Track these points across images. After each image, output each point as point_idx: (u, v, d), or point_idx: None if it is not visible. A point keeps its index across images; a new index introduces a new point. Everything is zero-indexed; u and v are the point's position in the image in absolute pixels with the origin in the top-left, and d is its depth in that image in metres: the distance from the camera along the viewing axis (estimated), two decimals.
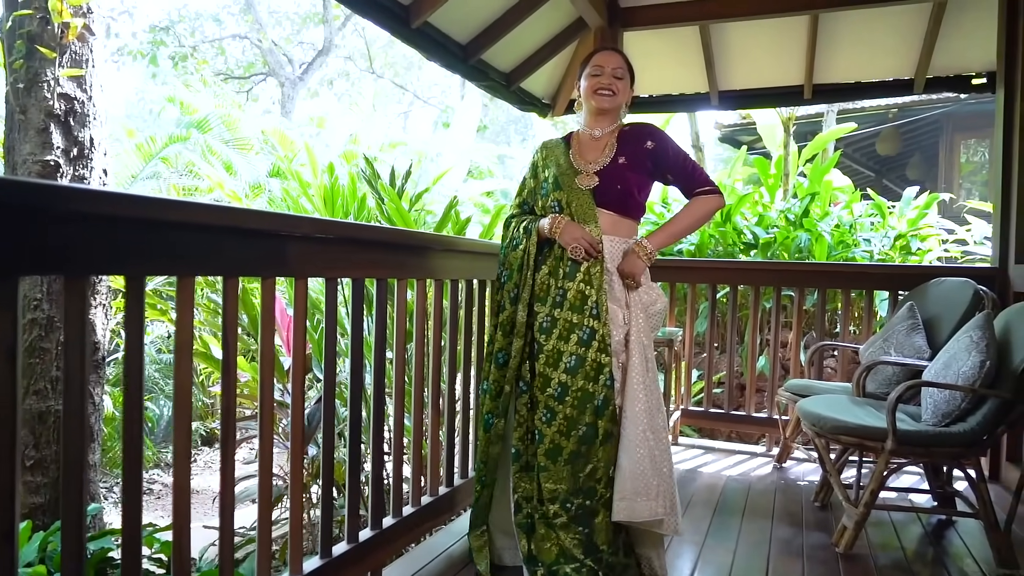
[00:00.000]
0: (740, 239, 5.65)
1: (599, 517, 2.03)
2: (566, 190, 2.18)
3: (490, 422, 2.20)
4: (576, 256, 2.10)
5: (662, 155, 2.20)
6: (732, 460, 3.70)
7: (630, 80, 2.27)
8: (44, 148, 2.70)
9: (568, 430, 2.03)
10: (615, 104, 2.21)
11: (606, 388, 2.04)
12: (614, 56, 2.26)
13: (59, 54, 2.70)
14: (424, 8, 3.43)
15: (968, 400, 2.46)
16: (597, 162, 2.21)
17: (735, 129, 10.35)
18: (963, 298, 3.09)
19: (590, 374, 2.04)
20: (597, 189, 2.17)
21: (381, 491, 2.05)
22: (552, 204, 2.20)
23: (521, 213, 2.32)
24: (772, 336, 3.95)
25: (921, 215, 5.41)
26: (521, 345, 2.13)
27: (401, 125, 20.22)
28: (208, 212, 1.42)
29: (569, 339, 2.07)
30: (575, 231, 2.10)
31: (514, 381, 2.16)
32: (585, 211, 2.15)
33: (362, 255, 1.87)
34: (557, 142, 2.33)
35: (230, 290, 1.48)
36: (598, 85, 2.19)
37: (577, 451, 2.02)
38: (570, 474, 2.02)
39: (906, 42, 4.14)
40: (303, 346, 1.73)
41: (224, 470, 1.51)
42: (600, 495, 2.04)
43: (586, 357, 2.04)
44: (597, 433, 2.03)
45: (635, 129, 2.26)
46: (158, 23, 14.68)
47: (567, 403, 2.04)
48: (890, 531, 2.75)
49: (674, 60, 4.69)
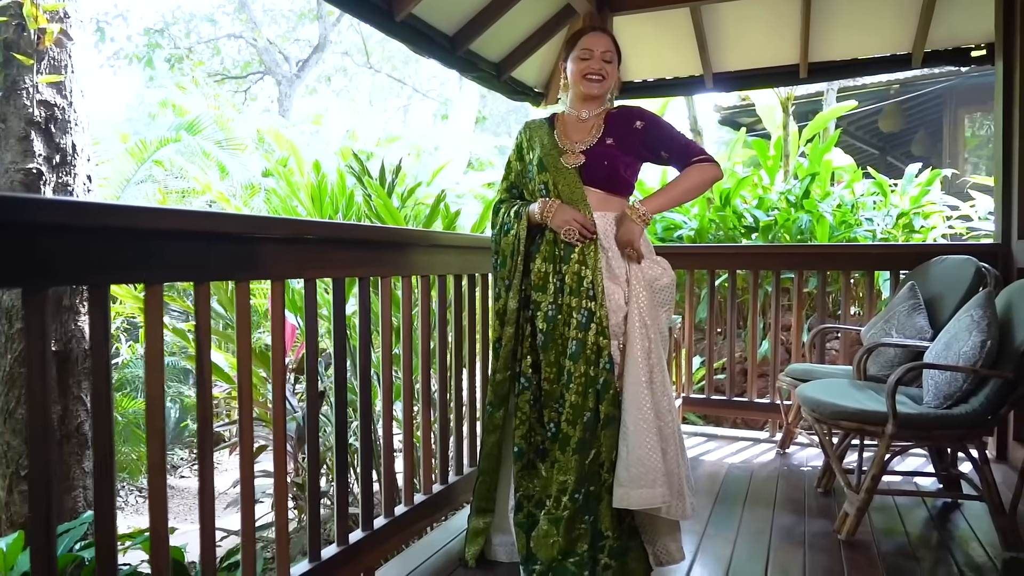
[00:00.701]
0: (741, 223, 5.59)
1: (603, 502, 2.01)
2: (551, 171, 2.13)
3: (488, 411, 2.19)
4: (570, 238, 2.05)
5: (654, 133, 2.14)
6: (735, 447, 3.66)
7: (618, 62, 2.21)
8: (26, 156, 2.68)
9: (575, 418, 2.01)
10: (605, 89, 2.16)
11: (606, 371, 2.02)
12: (603, 38, 2.18)
13: (37, 60, 2.68)
14: (408, 0, 3.37)
15: (970, 381, 2.41)
16: (583, 142, 2.16)
17: (735, 111, 10.24)
18: (964, 276, 3.03)
19: (591, 358, 2.01)
20: (583, 167, 2.12)
21: (371, 492, 2.03)
22: (540, 187, 2.16)
23: (510, 198, 2.27)
24: (773, 320, 3.90)
25: (923, 192, 5.33)
26: (512, 332, 2.10)
27: (401, 119, 20.15)
28: (173, 217, 1.39)
29: (570, 324, 2.04)
30: (566, 213, 2.06)
31: (507, 371, 2.13)
32: (573, 190, 2.10)
33: (340, 254, 1.84)
34: (541, 122, 2.28)
35: (201, 296, 1.45)
36: (588, 70, 2.13)
37: (583, 438, 2.00)
38: (578, 463, 2.00)
39: (902, 16, 4.06)
40: (283, 349, 1.70)
41: (203, 477, 1.49)
42: (604, 480, 2.01)
43: (586, 341, 2.01)
44: (599, 418, 2.01)
45: (624, 110, 2.20)
46: (152, 26, 14.65)
47: (572, 390, 2.01)
48: (894, 516, 2.71)
49: (666, 44, 4.62)
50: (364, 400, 2.01)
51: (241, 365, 1.58)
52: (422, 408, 2.35)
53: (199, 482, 1.48)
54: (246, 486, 1.59)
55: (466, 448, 2.67)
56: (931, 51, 4.22)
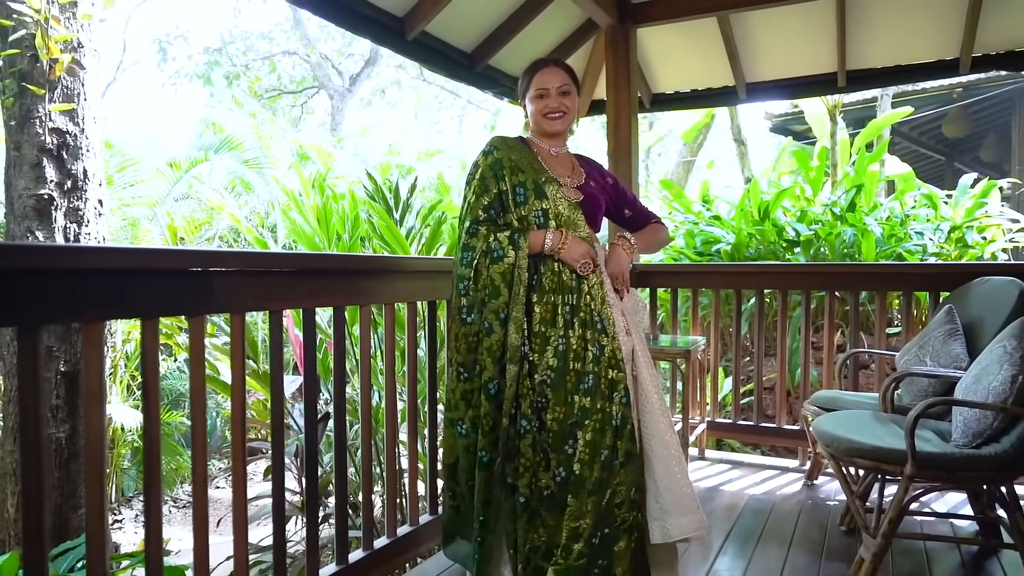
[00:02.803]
0: (782, 236, 5.36)
1: (620, 543, 1.91)
2: (552, 200, 2.06)
3: (484, 459, 1.95)
4: (586, 272, 2.01)
5: (622, 193, 2.29)
6: (759, 476, 3.48)
7: (577, 91, 2.15)
8: (38, 182, 2.79)
9: (592, 458, 1.89)
10: (567, 123, 2.13)
11: (622, 406, 1.95)
12: (556, 73, 2.10)
13: (49, 90, 2.78)
14: (419, 19, 3.36)
15: (1001, 419, 2.20)
16: (572, 177, 2.15)
17: (787, 119, 9.89)
18: (1007, 299, 2.79)
19: (606, 393, 1.94)
20: (583, 203, 2.11)
21: (345, 524, 1.99)
22: (537, 215, 2.04)
23: (489, 219, 2.06)
24: (803, 342, 3.70)
25: (978, 204, 4.99)
26: (517, 372, 1.93)
27: (456, 130, 20.34)
28: (108, 255, 1.38)
29: (585, 358, 1.95)
30: (582, 246, 2.02)
31: (511, 415, 1.94)
32: (576, 224, 2.08)
33: (307, 285, 1.81)
34: (515, 142, 2.16)
35: (148, 332, 1.44)
36: (546, 109, 2.09)
37: (601, 479, 1.90)
38: (595, 504, 1.88)
39: (945, 19, 3.81)
40: (242, 382, 1.68)
41: (148, 517, 1.47)
42: (622, 520, 1.92)
43: (600, 375, 1.95)
44: (617, 455, 1.92)
45: (591, 161, 2.29)
46: (211, 44, 15.25)
47: (588, 427, 1.90)
48: (921, 561, 2.51)
49: (695, 55, 4.48)
50: (338, 431, 1.98)
51: (194, 401, 1.56)
52: (409, 440, 2.31)
53: (144, 523, 1.47)
54: (199, 525, 1.57)
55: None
56: (981, 55, 3.97)
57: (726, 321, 5.18)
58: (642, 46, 4.39)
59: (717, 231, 5.58)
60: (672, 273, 4.30)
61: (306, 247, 3.44)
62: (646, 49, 4.48)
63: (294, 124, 16.92)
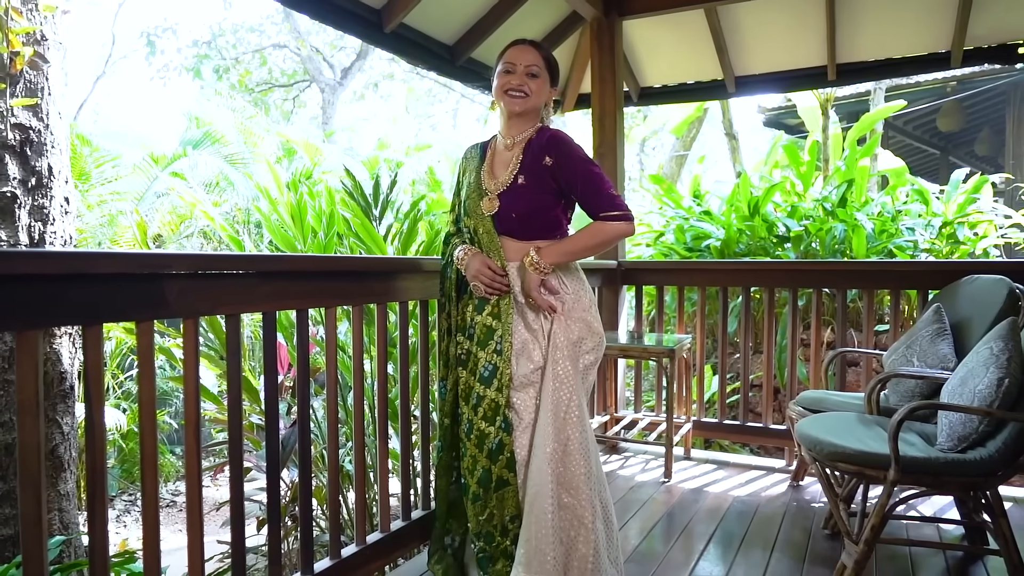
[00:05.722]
0: (772, 232, 5.29)
1: (498, 564, 1.91)
2: (473, 217, 2.01)
3: (439, 455, 2.10)
4: (477, 293, 1.95)
5: (566, 172, 1.93)
6: (745, 477, 3.42)
7: (550, 78, 2.02)
8: (0, 180, 2.70)
9: (472, 468, 1.92)
10: (528, 106, 1.97)
11: (501, 431, 1.89)
12: (528, 51, 1.99)
13: (11, 84, 2.70)
14: (397, 10, 3.28)
15: (987, 423, 2.15)
16: (502, 181, 1.98)
17: (780, 112, 9.82)
18: (996, 298, 2.73)
19: (487, 414, 1.90)
20: (496, 216, 1.97)
21: (310, 530, 1.92)
22: (467, 232, 2.04)
23: (458, 230, 2.13)
24: (791, 340, 3.64)
25: (969, 200, 4.93)
26: (455, 379, 2.02)
27: (450, 124, 20.19)
28: (40, 261, 1.31)
29: (476, 374, 1.93)
30: (475, 264, 1.94)
31: (452, 415, 2.04)
32: (491, 239, 1.97)
33: (264, 287, 1.74)
34: (475, 152, 2.12)
35: (90, 339, 1.38)
36: (508, 85, 1.95)
37: (477, 492, 1.91)
38: (474, 514, 1.93)
39: (936, 11, 3.75)
40: (195, 390, 1.61)
41: (92, 524, 1.41)
42: (498, 543, 1.91)
43: (485, 396, 1.90)
44: (491, 478, 1.90)
45: (541, 140, 1.98)
46: (200, 38, 15.08)
47: (472, 440, 1.92)
48: (905, 566, 2.46)
49: (683, 48, 4.41)
50: (303, 433, 1.91)
51: (144, 408, 1.49)
52: (378, 442, 2.24)
53: (88, 530, 1.41)
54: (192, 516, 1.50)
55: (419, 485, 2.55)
56: (973, 48, 3.91)
57: (713, 319, 5.12)
58: (629, 39, 4.31)
59: (707, 227, 5.51)
60: (658, 271, 4.24)
61: (282, 245, 3.37)
62: (633, 42, 4.41)
63: (286, 118, 16.77)
